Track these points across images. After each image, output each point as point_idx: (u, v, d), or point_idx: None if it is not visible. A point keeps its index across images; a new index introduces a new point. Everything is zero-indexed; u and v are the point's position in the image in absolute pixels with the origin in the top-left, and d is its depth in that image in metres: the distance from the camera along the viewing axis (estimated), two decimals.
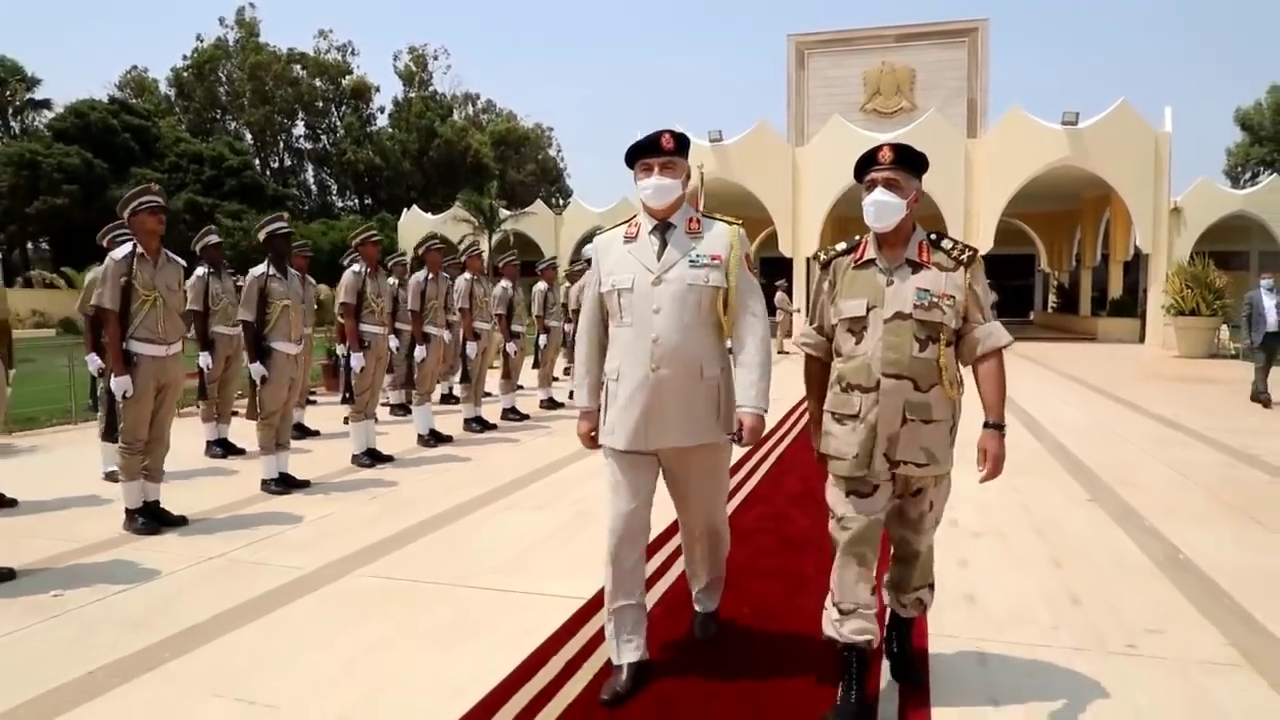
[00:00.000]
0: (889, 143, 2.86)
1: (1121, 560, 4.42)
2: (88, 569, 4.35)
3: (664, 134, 2.96)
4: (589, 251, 10.64)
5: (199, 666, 3.21)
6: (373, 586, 4.09)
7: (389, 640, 3.43)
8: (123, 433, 5.06)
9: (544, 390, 10.50)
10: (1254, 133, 51.28)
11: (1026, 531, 4.89)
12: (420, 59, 63.59)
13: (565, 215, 37.25)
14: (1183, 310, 19.07)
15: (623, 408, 2.94)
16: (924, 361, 2.72)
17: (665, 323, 2.88)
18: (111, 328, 4.95)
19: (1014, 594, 3.89)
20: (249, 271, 6.22)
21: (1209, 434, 8.29)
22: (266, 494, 5.95)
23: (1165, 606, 3.76)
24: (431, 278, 8.12)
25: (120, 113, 42.17)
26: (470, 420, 8.68)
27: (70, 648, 3.37)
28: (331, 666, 3.19)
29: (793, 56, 27.20)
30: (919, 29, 26.54)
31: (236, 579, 4.16)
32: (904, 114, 25.82)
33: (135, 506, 5.05)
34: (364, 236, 7.44)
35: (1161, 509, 5.41)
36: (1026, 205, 26.64)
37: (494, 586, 4.05)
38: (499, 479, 6.43)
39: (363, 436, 7.03)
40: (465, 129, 59.93)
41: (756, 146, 24.76)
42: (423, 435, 7.88)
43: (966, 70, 26.05)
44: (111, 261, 4.97)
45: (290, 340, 6.12)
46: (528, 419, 9.41)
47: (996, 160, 22.86)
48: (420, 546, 4.74)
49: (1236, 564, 4.31)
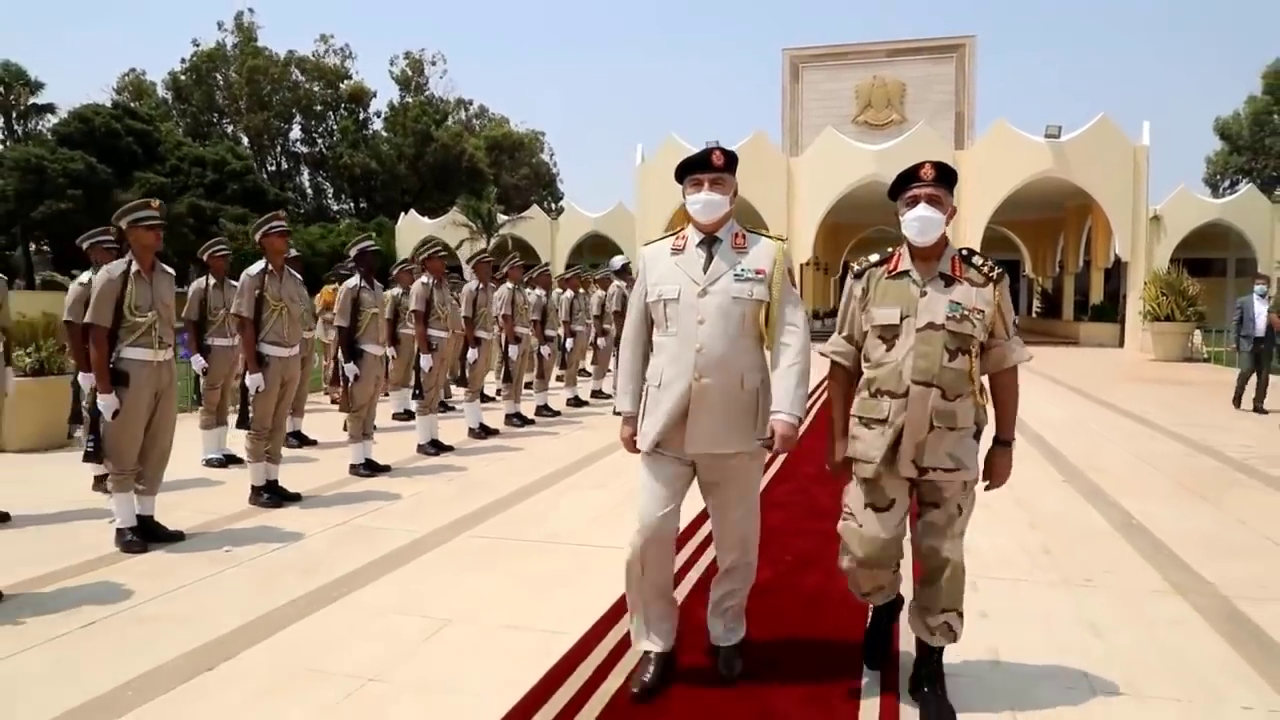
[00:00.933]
0: (930, 160, 2.93)
1: (1086, 524, 5.41)
2: (239, 532, 5.27)
3: (714, 151, 3.02)
4: (617, 262, 11.67)
5: (372, 598, 4.13)
6: (479, 545, 5.02)
7: (507, 582, 4.36)
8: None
9: (569, 389, 11.46)
10: (1232, 142, 52.33)
11: (1008, 503, 5.85)
12: (417, 64, 64.39)
13: (561, 220, 37.66)
14: (1158, 316, 20.17)
15: (664, 414, 2.99)
16: (953, 371, 2.82)
17: (709, 333, 2.95)
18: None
19: (998, 546, 4.85)
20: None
21: (1173, 429, 9.32)
22: (356, 476, 6.87)
23: (1118, 555, 4.75)
24: (481, 287, 8.86)
25: (123, 117, 42.78)
26: (511, 416, 9.61)
27: (262, 587, 4.28)
28: (480, 595, 4.12)
29: (788, 70, 28.27)
30: (909, 44, 27.67)
31: (366, 540, 5.08)
32: (894, 126, 26.89)
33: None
34: (431, 251, 8.32)
35: (1123, 488, 6.41)
36: (1012, 213, 27.71)
37: (579, 542, 4.99)
38: (554, 464, 7.38)
39: (428, 428, 7.99)
40: (460, 134, 60.66)
41: (752, 156, 25.59)
42: (473, 429, 8.81)
43: (954, 84, 27.19)
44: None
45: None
46: (559, 414, 10.32)
47: (983, 171, 23.90)
48: (505, 517, 5.68)
49: (1178, 527, 5.30)
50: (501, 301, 9.46)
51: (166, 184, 40.04)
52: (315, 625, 3.80)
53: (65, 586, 4.27)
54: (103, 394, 4.85)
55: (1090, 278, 29.26)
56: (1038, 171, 23.48)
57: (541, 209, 41.24)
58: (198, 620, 3.81)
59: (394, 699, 3.10)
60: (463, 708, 3.02)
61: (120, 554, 4.81)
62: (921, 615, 2.98)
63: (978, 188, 23.98)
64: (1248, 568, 4.52)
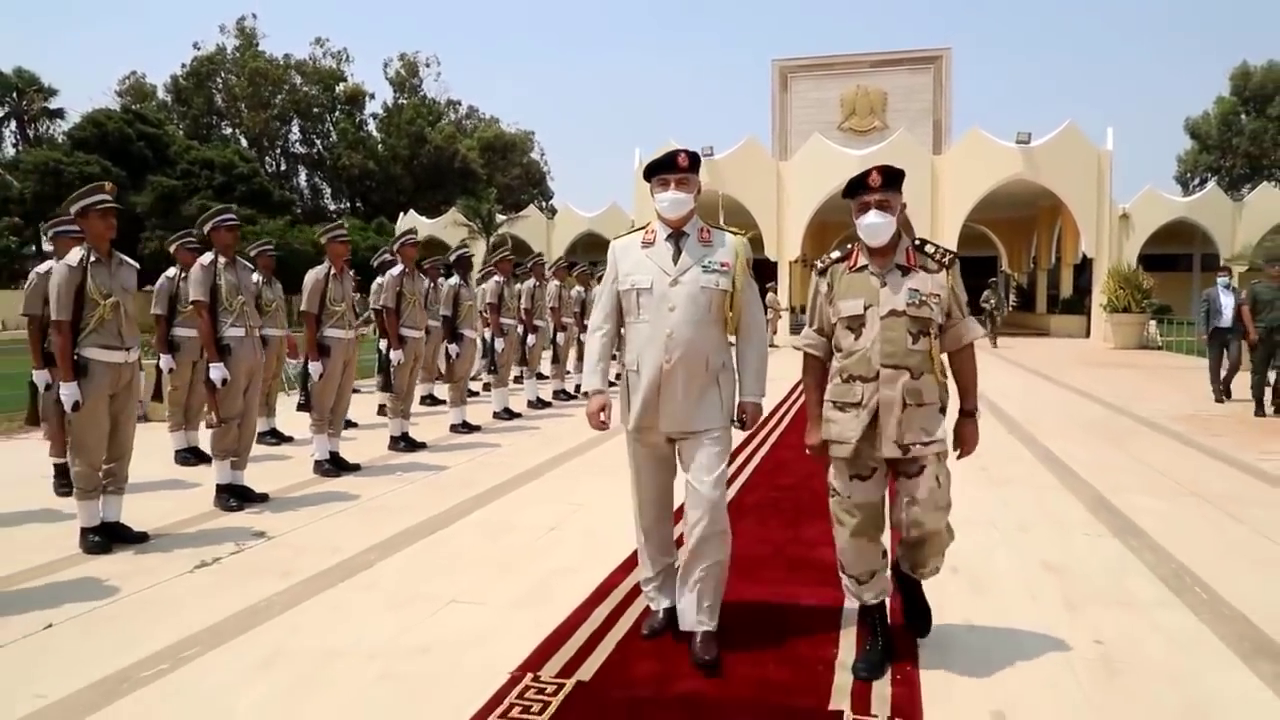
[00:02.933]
0: (877, 166, 3.10)
1: (1017, 458, 7.22)
2: (305, 497, 6.12)
3: (680, 153, 3.21)
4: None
5: (496, 512, 5.84)
6: (532, 494, 6.04)
7: (570, 515, 6.05)
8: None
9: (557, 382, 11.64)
10: (1202, 141, 54.01)
11: None
12: (411, 66, 65.80)
13: (556, 219, 38.57)
14: (1116, 308, 22.11)
15: (641, 397, 3.23)
16: (917, 353, 3.03)
17: (679, 319, 3.16)
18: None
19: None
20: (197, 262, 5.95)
21: (1104, 399, 11.19)
22: (395, 452, 7.56)
23: (1030, 470, 6.61)
24: (505, 281, 9.67)
25: (135, 122, 44.21)
26: (499, 412, 9.71)
27: (373, 523, 5.19)
28: (569, 505, 5.84)
29: (777, 79, 30.10)
30: (890, 56, 29.60)
31: (439, 493, 6.16)
32: (877, 132, 28.76)
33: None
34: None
35: (1050, 434, 8.25)
36: (989, 212, 29.42)
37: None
38: (570, 442, 8.05)
39: (460, 414, 8.82)
40: (454, 135, 62.01)
41: (744, 160, 27.42)
42: (498, 412, 9.61)
43: (932, 93, 29.08)
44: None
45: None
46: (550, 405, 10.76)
47: (959, 174, 25.72)
48: (547, 479, 6.55)
49: (1085, 459, 7.11)
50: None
51: (178, 186, 41.42)
52: (452, 536, 5.52)
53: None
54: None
55: (1061, 273, 31.17)
56: (1009, 175, 25.20)
57: (534, 207, 42.37)
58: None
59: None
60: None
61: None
62: (911, 566, 3.36)
63: (954, 190, 25.81)
64: (1118, 477, 6.37)
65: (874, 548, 3.22)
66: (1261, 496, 5.86)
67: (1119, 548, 4.68)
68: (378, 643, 3.44)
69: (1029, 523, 5.16)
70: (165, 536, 5.01)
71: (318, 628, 3.62)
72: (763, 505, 5.69)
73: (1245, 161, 51.99)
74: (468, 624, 3.64)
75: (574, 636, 3.48)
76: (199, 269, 5.83)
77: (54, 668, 3.23)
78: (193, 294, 5.84)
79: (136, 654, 3.33)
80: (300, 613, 3.78)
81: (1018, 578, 4.20)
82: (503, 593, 4.03)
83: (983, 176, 25.57)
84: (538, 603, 3.87)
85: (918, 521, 3.11)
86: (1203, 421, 9.21)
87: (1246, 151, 51.71)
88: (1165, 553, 4.56)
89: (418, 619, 3.70)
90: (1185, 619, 3.66)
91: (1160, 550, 4.62)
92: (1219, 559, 4.46)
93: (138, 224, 38.85)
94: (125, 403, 4.96)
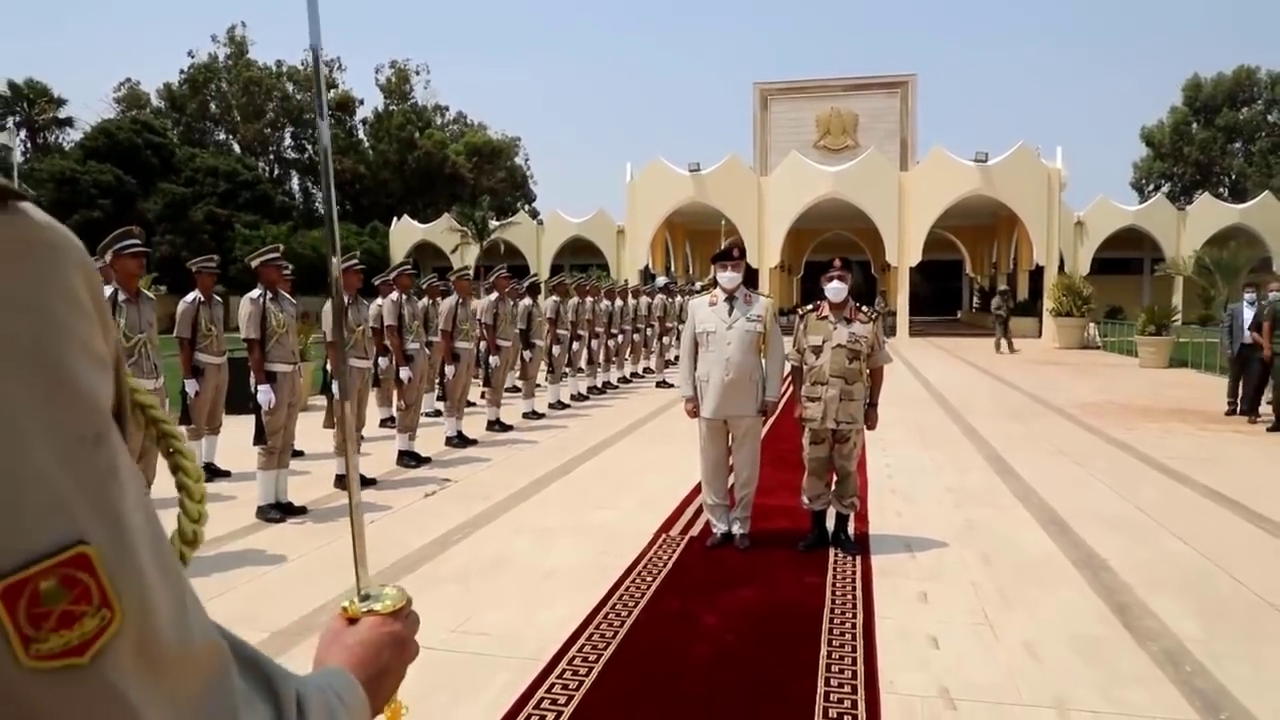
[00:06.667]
0: (839, 258, 5.21)
1: (947, 431, 9.75)
2: (435, 473, 9.35)
3: (735, 247, 5.26)
4: (661, 281, 16.82)
5: (602, 466, 8.29)
6: (595, 469, 8.57)
7: (626, 486, 8.53)
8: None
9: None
10: (1156, 149, 56.73)
11: (909, 424, 10.11)
12: (402, 73, 67.60)
13: (546, 225, 39.53)
14: (1060, 312, 24.82)
15: (710, 395, 5.18)
16: (853, 370, 5.09)
17: (732, 350, 5.10)
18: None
19: (899, 438, 9.10)
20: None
21: (1029, 390, 13.78)
22: (450, 448, 10.87)
23: (956, 439, 9.13)
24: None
25: (143, 131, 45.99)
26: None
27: (505, 477, 8.37)
28: (639, 466, 8.30)
29: (758, 100, 32.69)
30: (861, 80, 32.38)
31: (525, 467, 9.14)
32: (849, 151, 31.41)
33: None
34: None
35: (975, 415, 10.81)
36: (954, 220, 31.86)
37: (668, 473, 9.20)
38: (607, 430, 10.68)
39: (494, 413, 11.98)
40: (443, 141, 63.72)
41: (728, 176, 29.88)
42: (510, 421, 12.24)
43: (900, 115, 31.79)
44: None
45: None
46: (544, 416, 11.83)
47: (923, 189, 28.29)
48: (600, 460, 8.51)
49: (993, 431, 9.64)
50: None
51: (186, 194, 43.24)
52: (579, 475, 7.98)
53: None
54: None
55: (1018, 278, 33.86)
56: (968, 190, 27.85)
57: (524, 213, 43.69)
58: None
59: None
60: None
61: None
62: (838, 499, 5.29)
63: (919, 203, 28.39)
64: (1013, 442, 8.90)
65: (821, 482, 5.32)
66: (1107, 453, 8.41)
67: (997, 480, 7.22)
68: (574, 524, 5.95)
69: (943, 467, 7.68)
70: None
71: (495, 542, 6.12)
72: (773, 459, 7.51)
73: (1195, 169, 54.66)
74: (620, 515, 6.14)
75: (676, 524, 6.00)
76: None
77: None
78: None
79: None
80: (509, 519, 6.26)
81: (931, 495, 6.72)
82: (628, 503, 6.57)
83: (945, 191, 28.13)
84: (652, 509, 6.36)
85: (843, 468, 5.24)
86: (1096, 407, 11.79)
87: (1196, 160, 54.39)
88: (1024, 481, 7.11)
89: (584, 516, 6.19)
90: (1021, 510, 6.21)
91: (1021, 480, 7.17)
92: (1053, 483, 7.01)
93: (149, 230, 40.66)
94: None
